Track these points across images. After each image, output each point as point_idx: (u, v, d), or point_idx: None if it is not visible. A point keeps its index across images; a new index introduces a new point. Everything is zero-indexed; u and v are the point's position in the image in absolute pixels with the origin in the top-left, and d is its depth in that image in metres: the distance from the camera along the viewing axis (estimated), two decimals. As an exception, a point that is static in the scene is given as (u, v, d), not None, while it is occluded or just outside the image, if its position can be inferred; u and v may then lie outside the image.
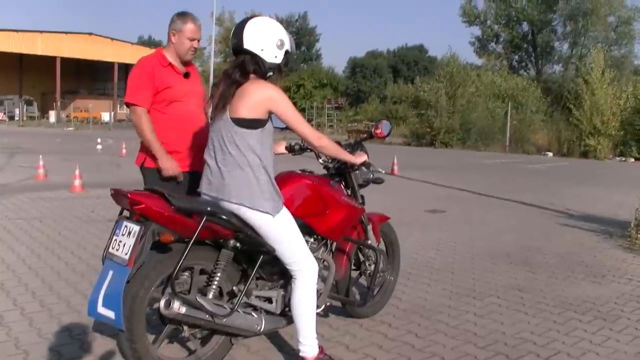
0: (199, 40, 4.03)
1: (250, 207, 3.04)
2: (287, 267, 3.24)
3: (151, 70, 3.86)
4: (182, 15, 3.96)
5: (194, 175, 3.79)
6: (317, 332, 3.94)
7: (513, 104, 33.21)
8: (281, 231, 3.15)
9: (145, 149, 3.98)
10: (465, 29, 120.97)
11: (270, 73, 3.17)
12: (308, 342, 3.27)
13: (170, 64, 3.93)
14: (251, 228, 3.10)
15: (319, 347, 3.33)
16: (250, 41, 3.07)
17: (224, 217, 2.99)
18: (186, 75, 4.01)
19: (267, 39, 3.09)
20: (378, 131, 4.12)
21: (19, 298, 4.43)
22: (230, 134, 3.06)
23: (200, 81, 4.21)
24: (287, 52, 3.20)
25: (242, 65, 3.09)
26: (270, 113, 3.10)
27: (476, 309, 4.61)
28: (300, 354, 3.28)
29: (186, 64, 4.06)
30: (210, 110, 3.25)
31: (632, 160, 27.65)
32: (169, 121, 3.88)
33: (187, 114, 3.91)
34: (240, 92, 3.06)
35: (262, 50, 3.08)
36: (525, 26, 55.76)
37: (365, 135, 4.25)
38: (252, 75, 3.11)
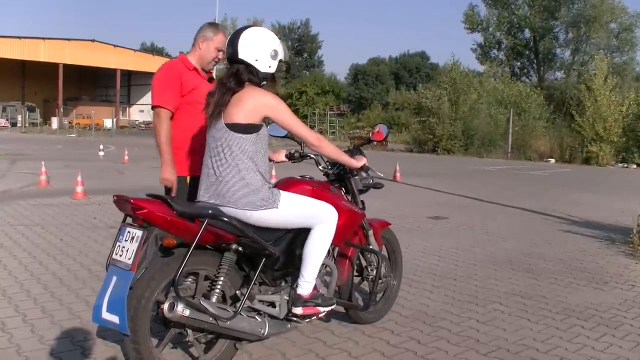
0: (223, 53, 4.03)
1: (252, 209, 3.10)
2: (311, 228, 3.36)
3: (178, 73, 3.90)
4: (214, 26, 4.07)
5: None
6: (318, 339, 3.95)
7: (515, 110, 33.23)
8: (291, 212, 3.25)
9: (178, 159, 3.93)
10: (467, 35, 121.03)
11: (264, 82, 3.26)
12: (309, 280, 3.38)
13: (195, 68, 3.99)
14: (253, 229, 3.13)
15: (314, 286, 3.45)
16: (245, 51, 3.17)
17: (225, 219, 3.02)
18: (210, 80, 4.07)
19: (261, 50, 3.20)
20: (376, 131, 4.15)
21: (21, 304, 4.43)
22: (225, 140, 3.13)
23: None
24: (280, 60, 3.30)
25: (237, 74, 3.18)
26: (265, 119, 3.17)
27: (479, 316, 4.60)
28: (298, 290, 3.36)
29: (205, 71, 4.10)
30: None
31: (634, 166, 27.66)
32: (195, 123, 3.85)
33: None
34: (236, 98, 3.14)
35: (256, 60, 3.19)
36: (527, 33, 55.97)
37: (363, 140, 4.27)
38: (246, 83, 3.19)
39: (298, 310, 3.34)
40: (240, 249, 3.15)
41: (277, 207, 3.17)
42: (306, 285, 3.37)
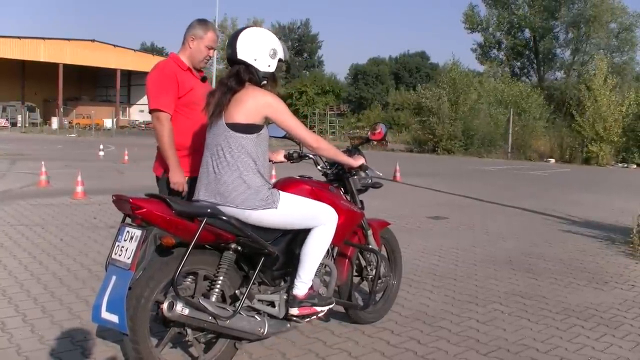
0: (214, 50, 4.02)
1: (251, 209, 3.11)
2: (312, 228, 3.37)
3: (173, 73, 3.80)
4: (204, 23, 3.95)
5: None
6: (318, 339, 3.95)
7: (515, 110, 33.23)
8: (290, 213, 3.26)
9: (163, 159, 3.86)
10: (467, 35, 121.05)
11: (265, 82, 3.27)
12: (305, 281, 3.38)
13: (188, 68, 3.92)
14: (252, 229, 3.14)
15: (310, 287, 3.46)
16: (244, 51, 3.19)
17: (224, 218, 3.02)
18: (203, 79, 4.01)
19: (260, 49, 3.21)
20: (377, 131, 4.16)
21: (21, 304, 4.43)
22: (225, 140, 3.13)
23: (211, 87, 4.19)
24: (280, 60, 3.30)
25: (238, 75, 3.20)
26: (266, 119, 3.18)
27: (479, 316, 4.60)
28: (294, 290, 3.37)
29: (197, 70, 4.03)
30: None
31: (634, 166, 27.67)
32: (191, 125, 3.80)
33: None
34: (236, 98, 3.15)
35: (255, 60, 3.20)
36: (527, 33, 55.95)
37: (362, 140, 4.28)
38: (247, 83, 3.20)
39: (294, 311, 3.34)
40: (239, 248, 3.16)
41: (277, 208, 3.18)
42: (302, 285, 3.37)
